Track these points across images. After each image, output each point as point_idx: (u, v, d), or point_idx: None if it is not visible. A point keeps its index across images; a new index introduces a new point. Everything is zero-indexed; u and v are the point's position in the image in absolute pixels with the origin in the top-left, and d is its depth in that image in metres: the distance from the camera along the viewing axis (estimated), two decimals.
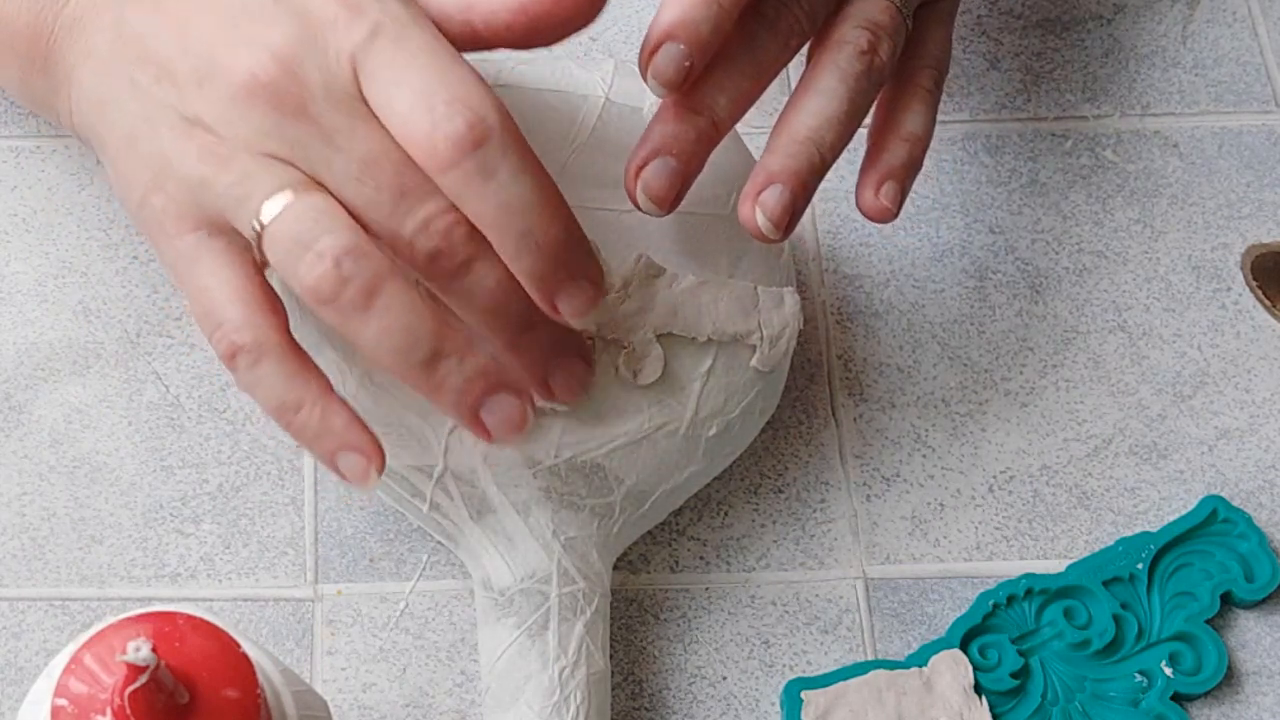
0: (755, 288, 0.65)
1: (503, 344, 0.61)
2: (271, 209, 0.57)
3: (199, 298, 0.59)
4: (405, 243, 0.58)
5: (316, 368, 0.59)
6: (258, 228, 0.58)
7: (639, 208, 0.62)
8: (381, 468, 0.59)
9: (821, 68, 0.63)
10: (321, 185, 0.58)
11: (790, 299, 0.66)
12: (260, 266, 0.59)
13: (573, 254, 0.59)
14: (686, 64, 0.60)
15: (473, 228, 0.58)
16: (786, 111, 0.63)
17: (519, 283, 0.59)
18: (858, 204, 0.64)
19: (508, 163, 0.57)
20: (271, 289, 0.59)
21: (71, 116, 0.64)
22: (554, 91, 0.67)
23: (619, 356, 0.64)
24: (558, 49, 0.76)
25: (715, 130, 0.62)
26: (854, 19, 0.63)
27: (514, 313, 0.60)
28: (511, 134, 0.58)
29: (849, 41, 0.63)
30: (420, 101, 0.57)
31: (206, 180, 0.58)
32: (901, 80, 0.65)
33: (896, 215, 0.64)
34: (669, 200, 0.62)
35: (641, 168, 0.62)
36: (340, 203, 0.58)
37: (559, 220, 0.58)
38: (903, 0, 0.64)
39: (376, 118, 0.58)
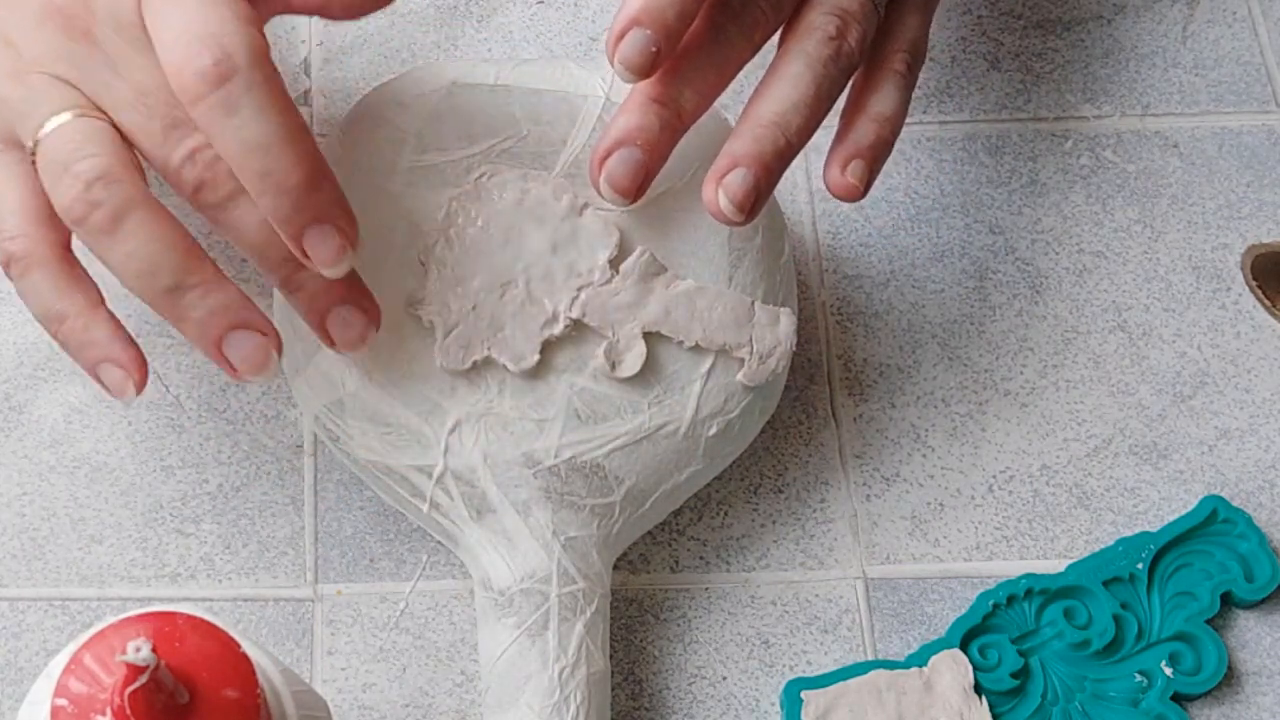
0: (753, 303, 0.65)
1: (277, 283, 0.62)
2: (48, 128, 0.60)
3: None
4: (174, 172, 0.60)
5: (89, 281, 0.61)
6: (33, 143, 0.60)
7: (602, 197, 0.63)
8: (141, 383, 0.61)
9: (789, 54, 0.63)
10: (102, 111, 0.60)
11: (786, 319, 0.66)
12: None
13: (316, 198, 0.59)
14: (653, 50, 0.61)
15: None
16: (754, 97, 0.63)
17: None
18: (825, 182, 0.64)
19: (250, 101, 0.58)
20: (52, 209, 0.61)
21: None
22: (554, 91, 0.67)
23: (602, 345, 0.64)
24: (558, 49, 0.77)
25: (680, 121, 0.63)
26: (823, 5, 0.64)
27: (281, 249, 0.60)
28: (261, 74, 0.58)
29: (817, 27, 0.63)
30: (180, 36, 0.58)
31: (4, 96, 0.61)
32: (874, 63, 0.66)
33: (864, 194, 0.64)
34: (632, 190, 0.63)
35: (605, 158, 0.62)
36: (117, 128, 0.60)
37: (302, 163, 0.58)
38: None
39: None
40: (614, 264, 0.65)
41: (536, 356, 0.64)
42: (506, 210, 0.65)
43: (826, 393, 0.70)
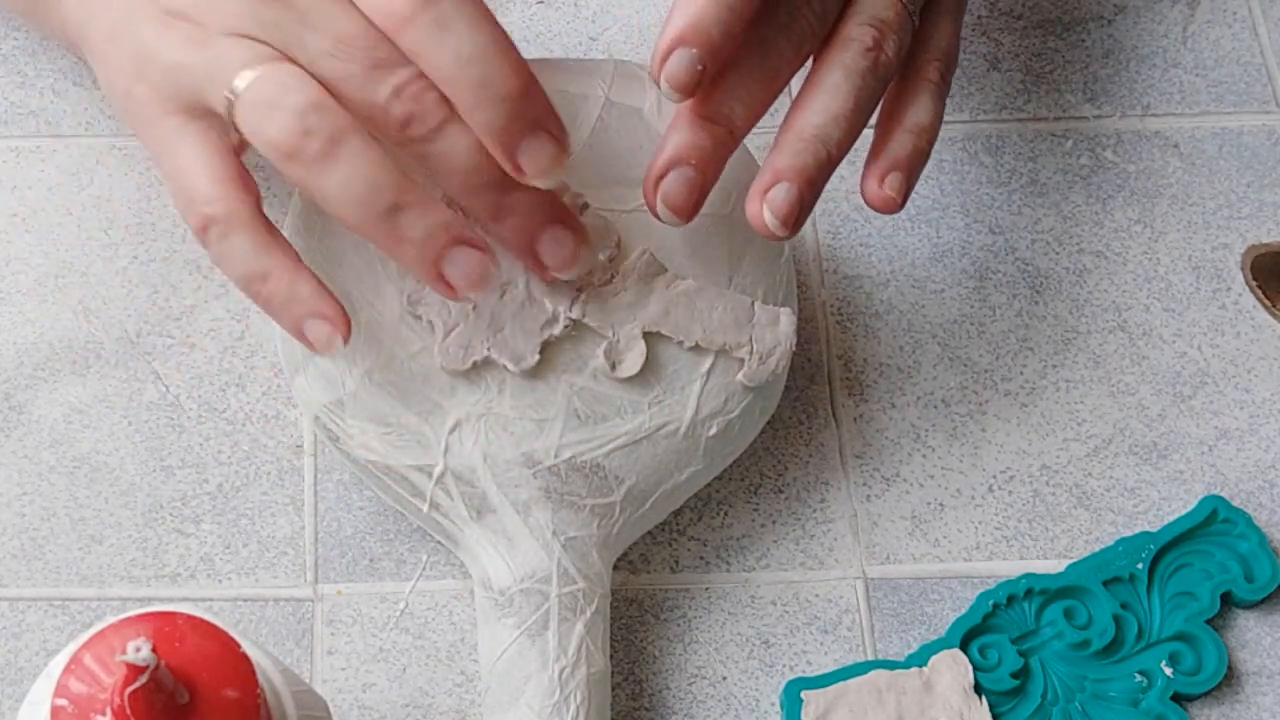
0: (753, 303, 0.65)
1: (486, 212, 0.62)
2: (244, 79, 0.59)
3: (176, 179, 0.61)
4: (379, 110, 0.60)
5: (286, 241, 0.61)
6: (231, 97, 0.60)
7: (658, 218, 0.63)
8: (347, 335, 0.61)
9: (828, 65, 0.63)
10: (295, 62, 0.60)
11: (786, 319, 0.66)
12: (237, 150, 0.62)
13: (531, 106, 0.60)
14: (699, 68, 0.60)
15: (442, 96, 0.60)
16: (793, 110, 0.63)
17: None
18: (863, 195, 0.64)
19: (461, 14, 0.59)
20: (245, 169, 0.61)
21: (64, 27, 0.66)
22: (554, 91, 0.67)
23: (602, 345, 0.64)
24: (558, 49, 0.77)
25: (732, 138, 0.62)
26: (860, 16, 0.63)
27: (494, 173, 0.60)
28: None
29: (855, 39, 0.63)
30: None
31: (185, 64, 0.61)
32: (908, 73, 0.65)
33: (902, 206, 0.64)
34: (689, 210, 0.62)
35: (660, 178, 0.62)
36: (314, 79, 0.60)
37: (517, 72, 0.59)
38: None
39: None
40: (613, 263, 0.65)
41: (536, 356, 0.64)
42: None
43: (826, 393, 0.70)
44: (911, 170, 0.64)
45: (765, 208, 0.62)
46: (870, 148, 0.65)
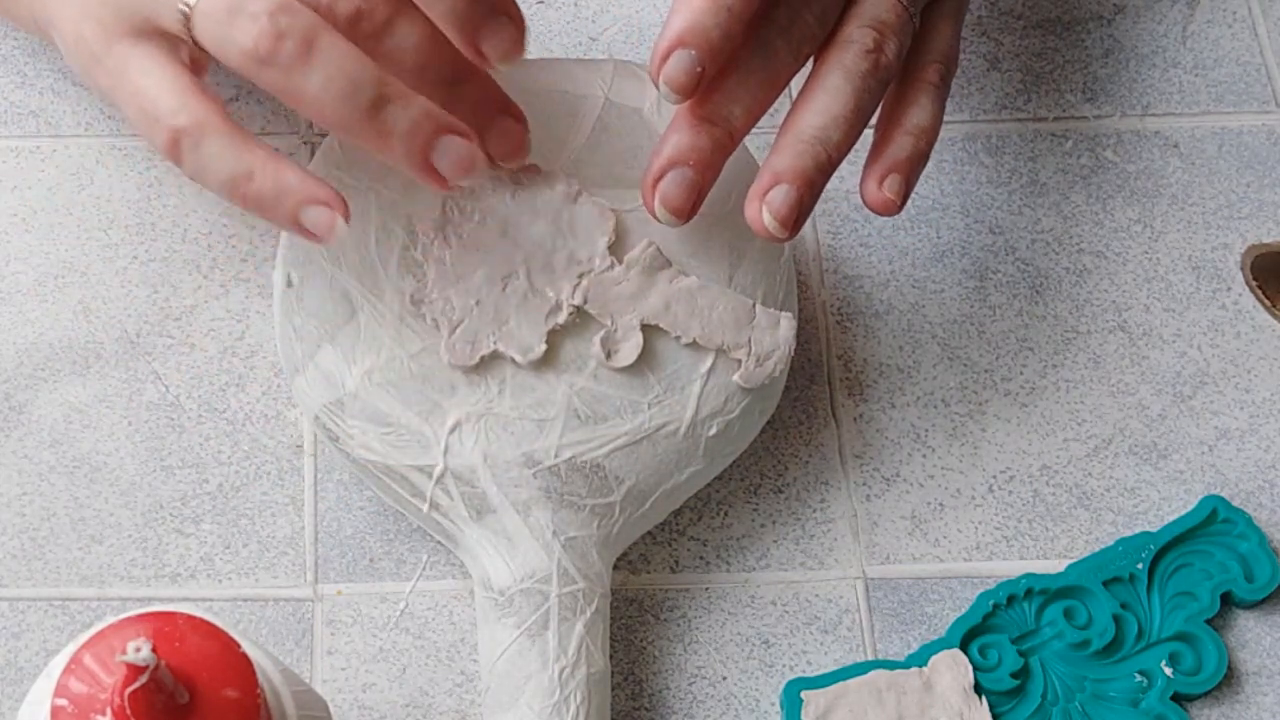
0: (754, 305, 0.65)
1: (438, 103, 0.61)
2: None
3: (133, 101, 0.61)
4: (326, 8, 0.59)
5: (258, 139, 0.60)
6: (186, 10, 0.59)
7: (656, 219, 0.63)
8: (347, 215, 0.60)
9: (828, 67, 0.63)
10: None
11: (786, 324, 0.66)
12: (191, 67, 0.61)
13: None
14: (698, 70, 0.60)
15: None
16: (793, 111, 0.63)
17: (442, 40, 0.60)
18: (862, 196, 0.64)
19: None
20: (202, 82, 0.61)
21: (30, 9, 0.66)
22: (554, 91, 0.67)
23: (599, 333, 0.64)
24: (558, 49, 0.77)
25: (730, 139, 0.62)
26: (860, 18, 0.63)
27: (443, 67, 0.60)
28: None
29: (855, 41, 0.63)
30: None
31: None
32: (908, 75, 0.65)
33: (901, 208, 0.64)
34: (687, 211, 0.62)
35: (658, 179, 0.62)
36: None
37: None
38: None
39: None
40: (613, 250, 0.65)
41: (543, 346, 0.64)
42: (501, 203, 0.65)
43: (826, 393, 0.70)
44: (910, 172, 0.64)
45: (764, 209, 0.62)
46: (870, 149, 0.65)
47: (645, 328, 0.65)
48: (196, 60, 0.62)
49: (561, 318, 0.64)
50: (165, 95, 0.60)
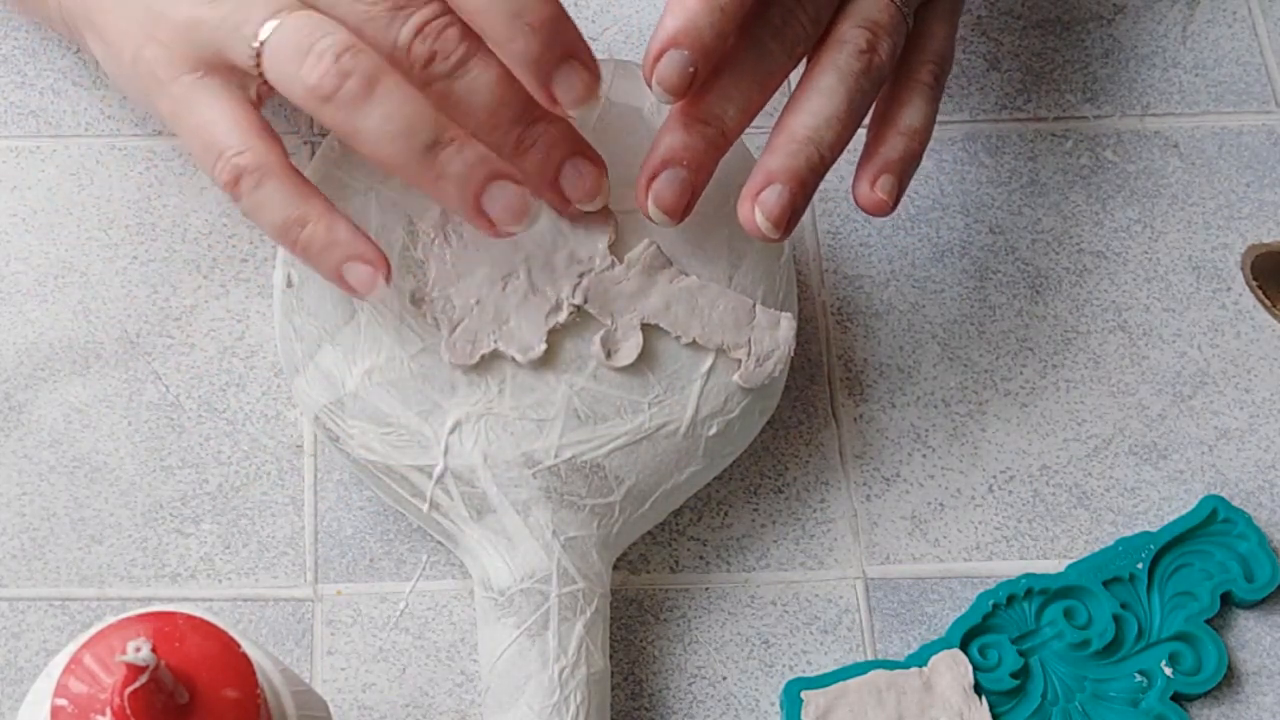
0: (754, 305, 0.65)
1: (508, 147, 0.61)
2: (269, 28, 0.60)
3: (198, 134, 0.61)
4: (402, 50, 0.59)
5: (317, 189, 0.61)
6: (256, 46, 0.60)
7: (650, 219, 0.63)
8: (389, 276, 0.61)
9: (821, 67, 0.63)
10: (315, 8, 0.60)
11: (786, 324, 0.66)
12: (256, 103, 0.62)
13: (564, 34, 0.60)
14: (691, 70, 0.60)
15: (465, 29, 0.59)
16: (786, 111, 0.63)
17: (516, 82, 0.60)
18: (854, 197, 0.64)
19: None
20: (266, 121, 0.61)
21: (60, 8, 0.66)
22: None
23: (599, 332, 0.64)
24: None
25: (724, 139, 0.62)
26: (854, 18, 0.63)
27: (514, 110, 0.60)
28: None
29: (848, 41, 0.63)
30: None
31: (199, 19, 0.61)
32: (901, 76, 0.65)
33: (893, 209, 0.64)
34: (680, 210, 0.62)
35: (652, 179, 0.62)
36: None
37: (547, 1, 0.59)
38: None
39: None
40: (613, 250, 0.65)
41: (544, 345, 0.64)
42: None
43: (826, 393, 0.70)
44: (903, 173, 0.64)
45: (757, 209, 0.62)
46: (863, 150, 0.65)
47: (645, 327, 0.65)
48: (260, 95, 0.63)
49: (562, 316, 0.64)
50: (231, 132, 0.61)
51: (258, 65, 0.60)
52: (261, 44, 0.60)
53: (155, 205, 0.72)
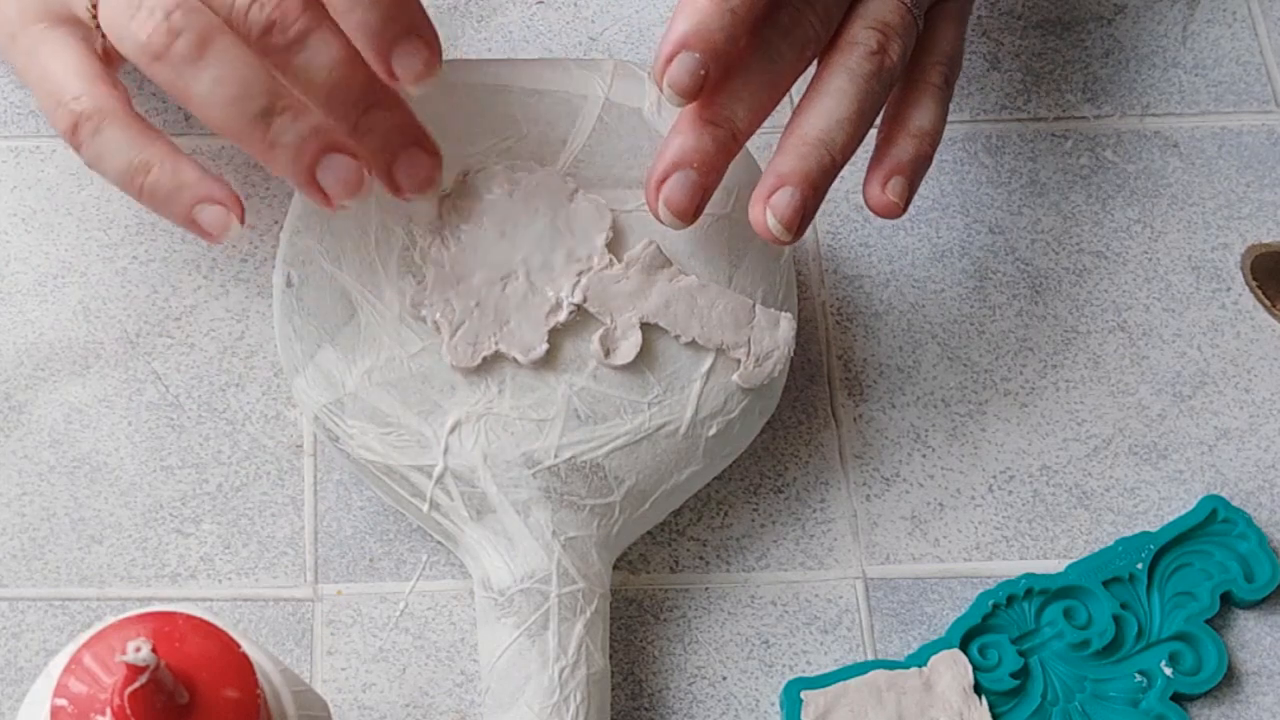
0: (754, 305, 0.65)
1: (345, 128, 0.60)
2: None
3: (42, 82, 0.61)
4: (239, 16, 0.58)
5: (162, 133, 0.60)
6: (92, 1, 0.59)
7: (660, 221, 0.62)
8: (242, 217, 0.60)
9: (832, 69, 0.63)
10: None
11: (786, 324, 0.66)
12: (104, 58, 0.61)
13: (407, 8, 0.59)
14: (702, 73, 0.60)
15: (306, 1, 0.58)
16: (797, 113, 0.63)
17: (358, 62, 0.59)
18: (865, 199, 0.64)
19: None
20: (112, 72, 0.61)
21: None
22: (554, 91, 0.67)
23: (599, 331, 0.64)
24: (558, 49, 0.77)
25: (734, 141, 0.62)
26: (864, 19, 0.63)
27: (354, 90, 0.60)
28: None
29: (859, 43, 0.63)
30: None
31: None
32: (912, 77, 0.65)
33: (904, 210, 0.64)
34: (690, 213, 0.62)
35: (662, 181, 0.62)
36: None
37: None
38: (914, 0, 0.64)
39: None
40: (611, 249, 0.65)
41: (545, 345, 0.64)
42: (498, 204, 0.65)
43: (826, 393, 0.70)
44: (914, 175, 0.64)
45: (768, 212, 0.62)
46: (873, 152, 0.65)
47: (645, 327, 0.65)
48: (110, 52, 0.62)
49: (562, 316, 0.64)
50: (71, 79, 0.60)
51: (94, 17, 0.59)
52: None
53: None
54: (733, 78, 0.62)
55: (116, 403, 0.68)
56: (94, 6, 0.59)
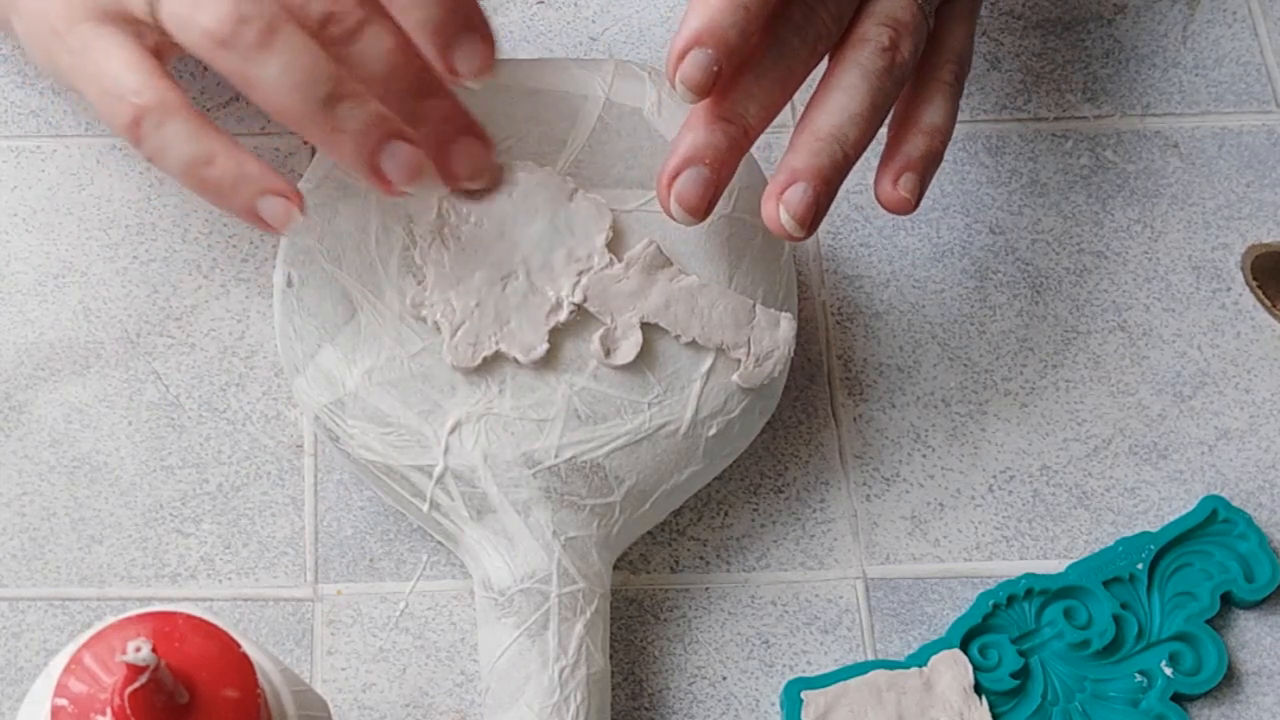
0: (754, 305, 0.65)
1: (402, 115, 0.61)
2: None
3: (96, 80, 0.61)
4: (298, 7, 0.59)
5: (219, 127, 0.61)
6: None
7: (672, 217, 0.62)
8: (302, 208, 0.61)
9: (844, 65, 0.63)
10: None
11: (786, 324, 0.66)
12: (156, 52, 0.61)
13: (464, 6, 0.60)
14: (714, 69, 0.60)
15: None
16: (809, 109, 0.63)
17: (413, 53, 0.60)
18: (876, 195, 0.64)
19: None
20: (165, 67, 0.61)
21: None
22: (554, 91, 0.67)
23: (599, 331, 0.64)
24: (558, 49, 0.77)
25: (746, 137, 0.62)
26: (876, 16, 0.63)
27: (410, 79, 0.60)
28: None
29: (871, 39, 0.63)
30: None
31: None
32: (922, 74, 0.65)
33: (915, 207, 0.64)
34: (702, 209, 0.62)
35: (674, 177, 0.62)
36: None
37: None
38: None
39: None
40: (611, 248, 0.65)
41: (545, 345, 0.64)
42: (497, 203, 0.65)
43: (826, 393, 0.70)
44: (925, 171, 0.64)
45: (781, 208, 0.62)
46: (884, 148, 0.65)
47: (645, 327, 0.65)
48: (160, 49, 0.63)
49: (563, 315, 0.64)
50: (129, 75, 0.60)
51: (153, 10, 0.59)
52: None
53: (155, 205, 0.72)
54: (745, 74, 0.62)
55: (116, 403, 0.68)
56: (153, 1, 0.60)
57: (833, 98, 0.63)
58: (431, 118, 0.62)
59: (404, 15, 0.60)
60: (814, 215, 0.62)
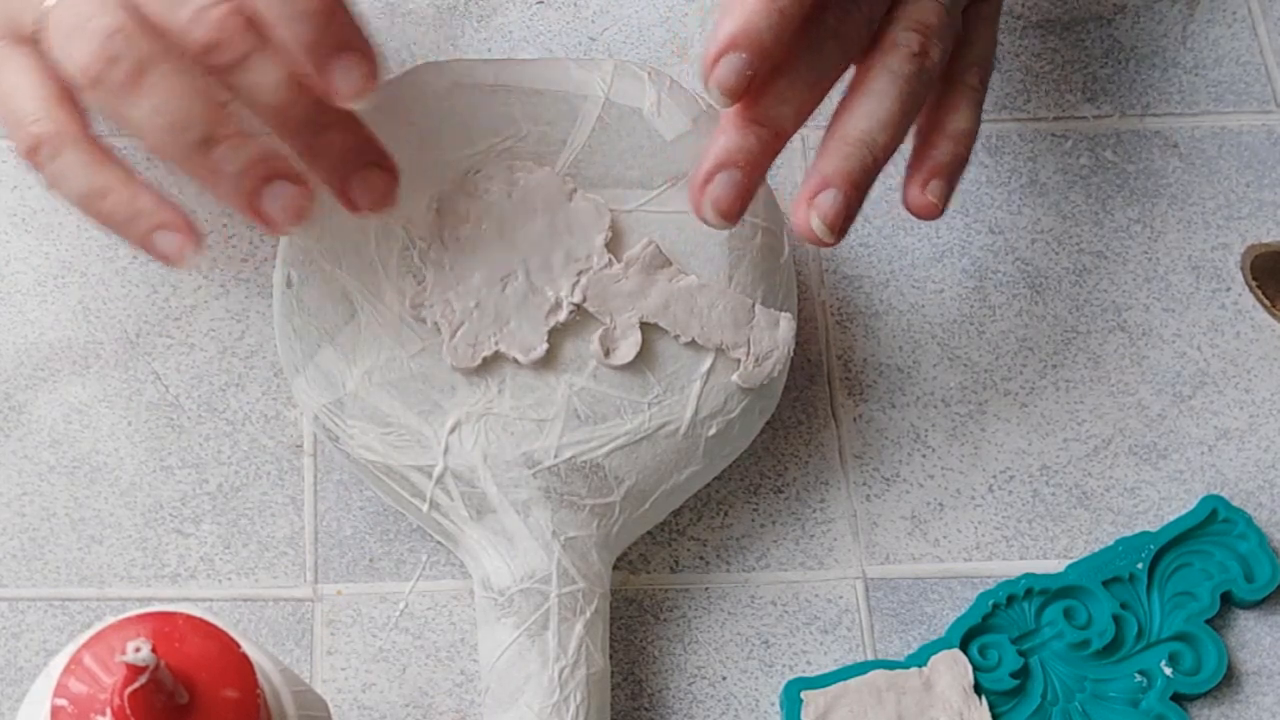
0: (754, 304, 0.65)
1: (298, 150, 0.60)
2: (52, 0, 0.58)
3: (3, 102, 0.60)
4: (181, 34, 0.58)
5: (119, 159, 0.60)
6: (37, 20, 0.59)
7: (704, 220, 0.62)
8: (198, 243, 0.60)
9: (874, 70, 0.63)
10: None
11: (785, 324, 0.66)
12: (67, 80, 0.60)
13: (340, 22, 0.58)
14: (749, 73, 0.60)
15: (250, 22, 0.58)
16: (839, 114, 0.63)
17: (305, 83, 0.59)
18: (905, 201, 0.64)
19: None
20: (71, 92, 0.60)
21: None
22: (554, 91, 0.67)
23: (598, 331, 0.64)
24: (558, 49, 0.77)
25: (778, 141, 0.62)
26: (904, 21, 0.63)
27: (302, 112, 0.59)
28: None
29: (901, 44, 0.63)
30: None
31: None
32: (949, 79, 0.65)
33: (942, 212, 0.64)
34: (735, 212, 0.62)
35: (708, 181, 0.61)
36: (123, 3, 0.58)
37: None
38: (951, 1, 0.64)
39: None
40: (610, 248, 0.65)
41: (545, 345, 0.64)
42: (496, 204, 0.65)
43: (826, 393, 0.70)
44: (952, 176, 0.64)
45: (812, 214, 0.62)
46: (912, 153, 0.65)
47: (644, 327, 0.65)
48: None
49: (562, 315, 0.64)
50: (30, 101, 0.60)
51: (40, 35, 0.59)
52: (43, 14, 0.59)
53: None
54: (778, 77, 0.61)
55: (116, 403, 0.68)
56: (40, 26, 0.59)
57: (862, 103, 0.62)
58: (332, 150, 0.61)
59: (276, 36, 0.58)
60: (845, 220, 0.62)
